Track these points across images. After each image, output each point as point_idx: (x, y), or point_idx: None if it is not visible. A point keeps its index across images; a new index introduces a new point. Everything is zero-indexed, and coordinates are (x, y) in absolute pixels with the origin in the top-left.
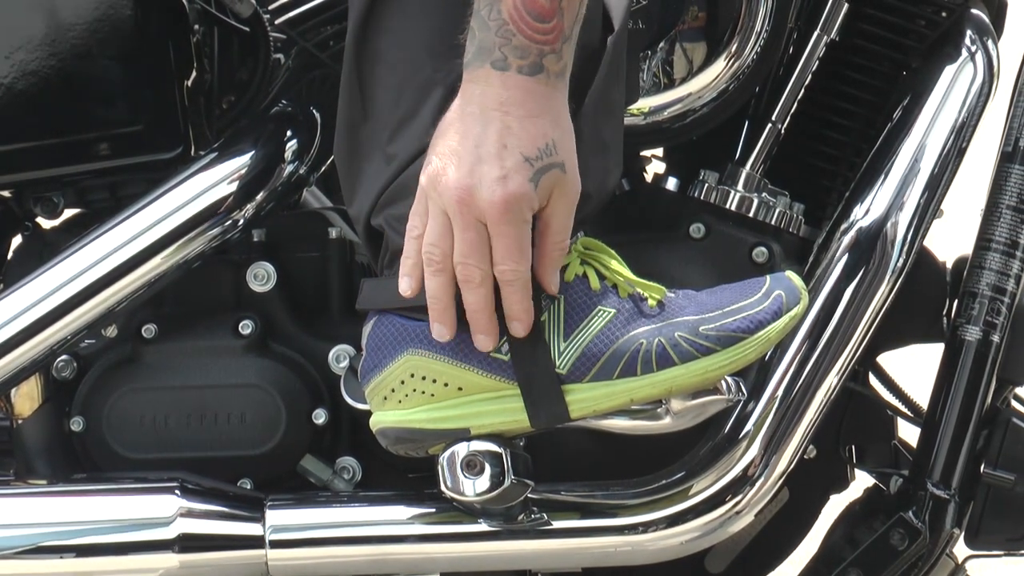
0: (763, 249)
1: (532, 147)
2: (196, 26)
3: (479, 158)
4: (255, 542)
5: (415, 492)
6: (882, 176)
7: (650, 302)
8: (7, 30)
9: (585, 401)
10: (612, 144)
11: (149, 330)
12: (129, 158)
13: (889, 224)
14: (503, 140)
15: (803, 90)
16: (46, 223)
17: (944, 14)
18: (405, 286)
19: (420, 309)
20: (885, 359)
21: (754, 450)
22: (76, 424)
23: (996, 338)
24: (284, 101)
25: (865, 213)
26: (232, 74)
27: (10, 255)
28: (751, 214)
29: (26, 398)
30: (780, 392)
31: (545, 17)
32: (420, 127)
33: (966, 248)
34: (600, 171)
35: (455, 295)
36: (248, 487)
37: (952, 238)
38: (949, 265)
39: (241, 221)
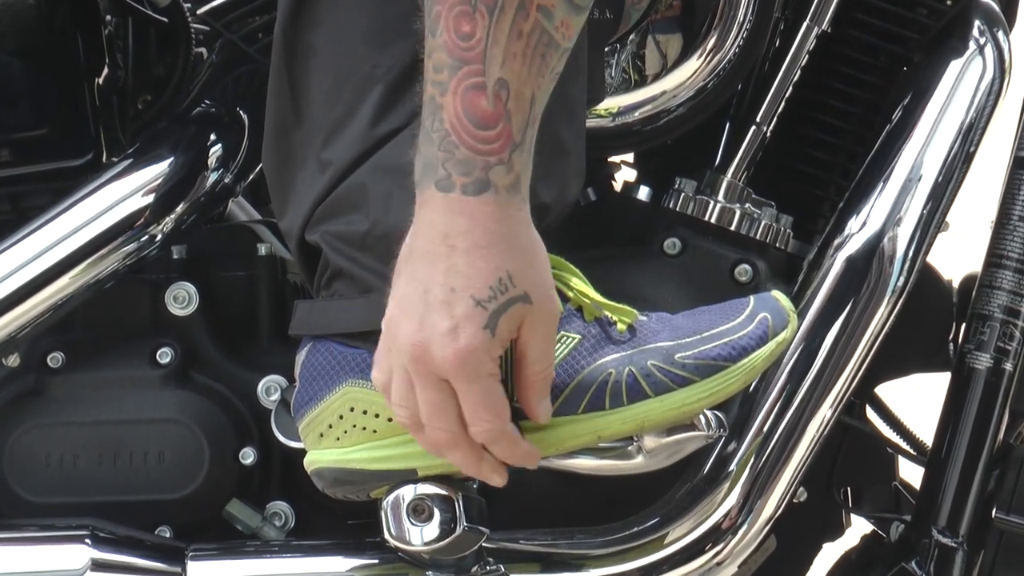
0: (746, 267)
1: (483, 287)
2: (107, 17)
3: (428, 306)
4: None
5: (355, 541)
6: (880, 184)
7: (619, 326)
8: None
9: (547, 439)
10: (572, 148)
11: (55, 359)
12: (32, 166)
13: (887, 238)
14: (450, 283)
15: (791, 88)
16: None
17: (949, 2)
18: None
19: (360, 336)
20: (884, 390)
21: (737, 493)
22: None
23: (1008, 366)
24: (207, 101)
25: (861, 226)
26: (148, 70)
27: None
28: (733, 227)
29: None
30: (766, 428)
31: (488, 123)
32: (358, 130)
33: (975, 265)
34: (559, 179)
35: None
36: (167, 535)
37: (959, 254)
38: (956, 284)
39: (159, 236)
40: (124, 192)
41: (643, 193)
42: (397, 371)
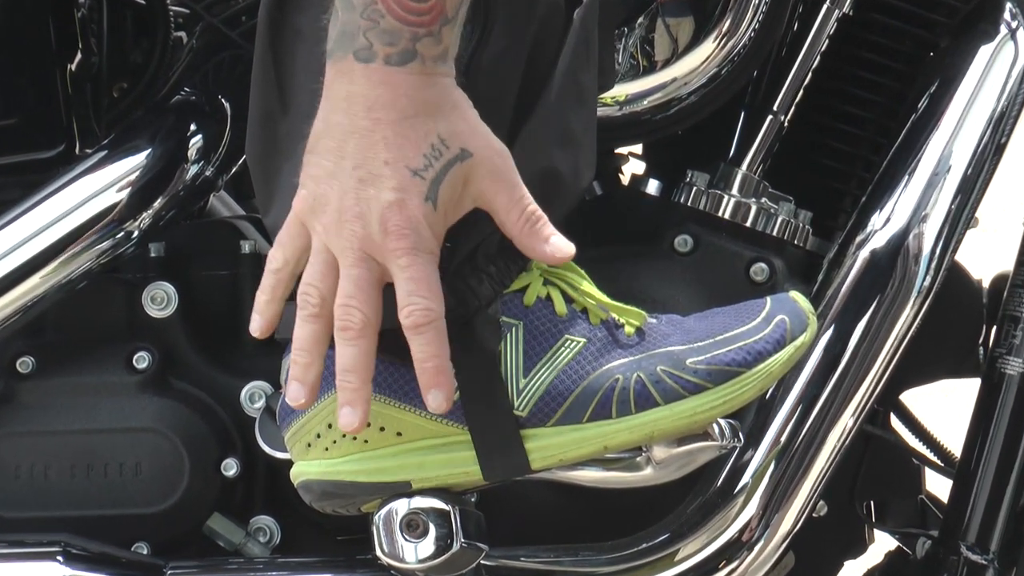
0: (762, 265)
1: (416, 155)
2: None
3: (361, 181)
4: None
5: (345, 558)
6: (905, 178)
7: (627, 329)
8: None
9: (549, 449)
10: (584, 139)
11: (25, 364)
12: (1, 157)
13: (913, 235)
14: (381, 155)
15: (810, 75)
16: None
17: None
18: (255, 327)
19: None
20: (910, 397)
21: (752, 507)
22: None
23: None
24: (187, 88)
25: (885, 222)
26: (124, 56)
27: None
28: (748, 223)
29: None
30: (783, 437)
31: None
32: None
33: (1006, 264)
34: (570, 170)
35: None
36: (144, 552)
37: (989, 252)
38: (986, 284)
39: (135, 233)
40: (98, 186)
41: (652, 187)
42: (318, 250)
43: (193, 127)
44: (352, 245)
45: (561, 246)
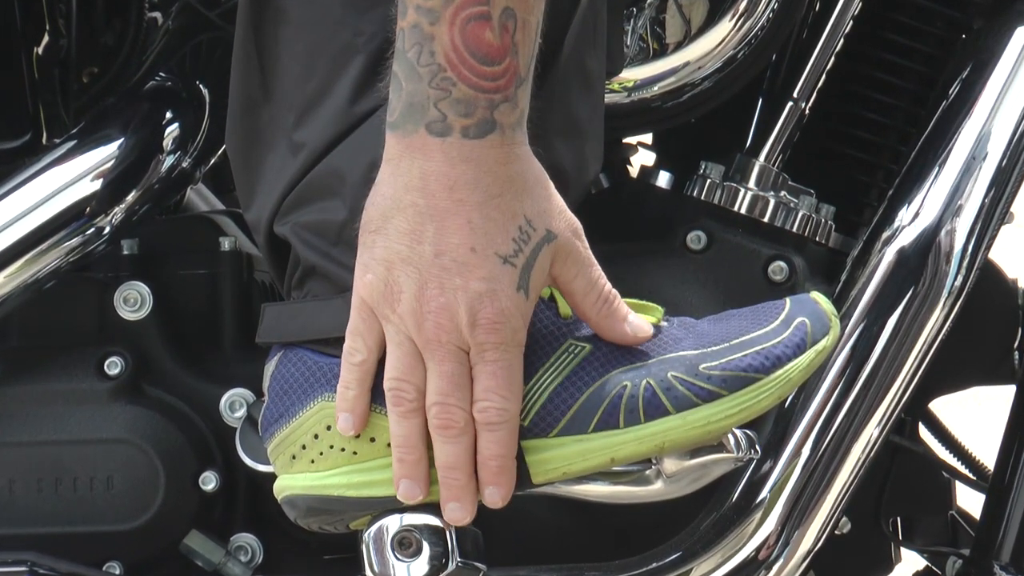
0: (781, 264)
1: (506, 241)
2: None
3: (444, 270)
4: None
5: None
6: (935, 169)
7: None
8: None
9: (552, 462)
10: (590, 127)
11: None
12: None
13: (944, 231)
14: (468, 242)
15: (832, 59)
16: None
17: None
18: (346, 425)
19: (338, 342)
20: (940, 406)
21: (771, 524)
22: None
23: None
24: (162, 74)
25: (913, 217)
26: (95, 39)
27: None
28: (766, 219)
29: None
30: (804, 449)
31: (494, 58)
32: (335, 107)
33: None
34: (574, 161)
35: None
36: (117, 572)
37: None
38: (1022, 284)
39: (107, 229)
40: (67, 178)
41: (663, 179)
42: (399, 343)
43: (169, 115)
44: (440, 339)
45: (641, 325)
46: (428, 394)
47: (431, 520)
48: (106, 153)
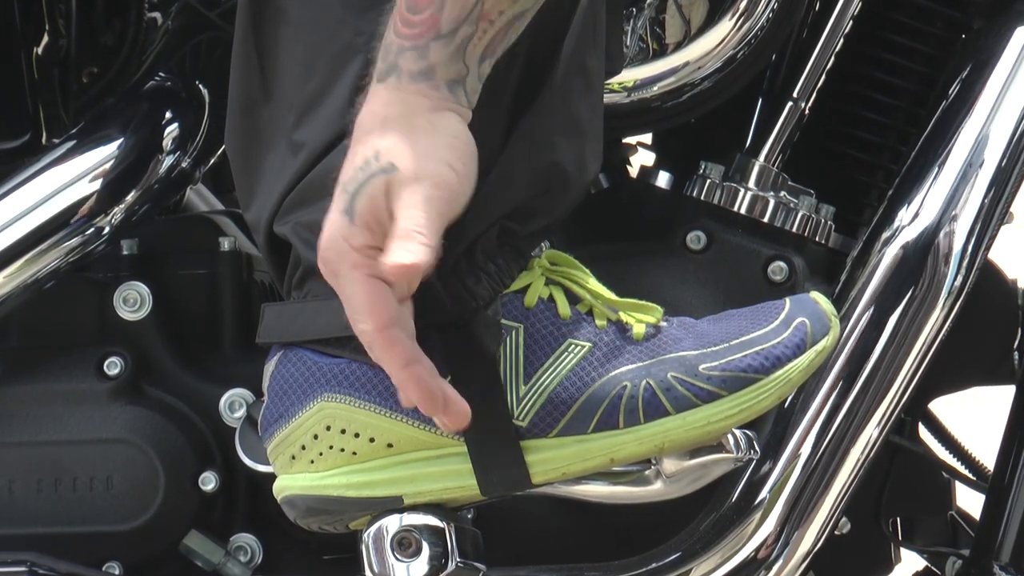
0: (781, 264)
1: (350, 169)
2: None
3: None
4: None
5: None
6: (935, 170)
7: (636, 331)
8: None
9: (551, 462)
10: (590, 127)
11: None
12: None
13: (943, 232)
14: (341, 169)
15: (832, 59)
16: None
17: None
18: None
19: (338, 342)
20: (939, 406)
21: (770, 524)
22: None
23: None
24: (162, 74)
25: (913, 218)
26: (95, 39)
27: None
28: (766, 219)
29: None
30: (804, 449)
31: (418, 6)
32: (335, 107)
33: None
34: (574, 161)
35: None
36: (117, 572)
37: None
38: (1021, 284)
39: (107, 229)
40: (66, 178)
41: (663, 179)
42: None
43: (169, 115)
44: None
45: (392, 266)
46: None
47: (431, 520)
48: (106, 153)
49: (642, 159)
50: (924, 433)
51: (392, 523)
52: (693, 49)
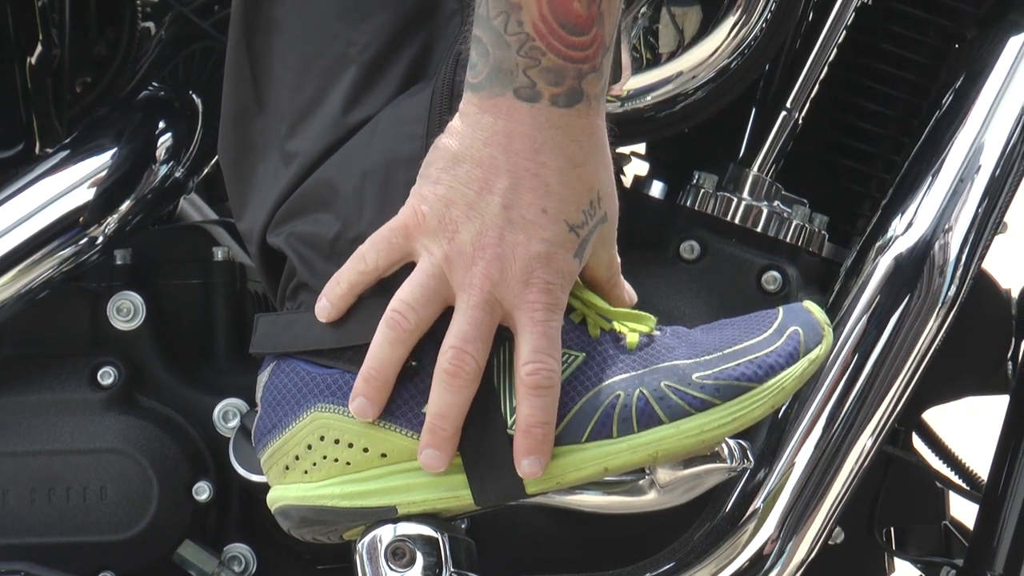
0: (775, 273)
1: (577, 211)
2: None
3: (510, 223)
4: None
5: None
6: (928, 179)
7: (629, 340)
8: None
9: (545, 472)
10: None
11: None
12: None
13: (938, 242)
14: (541, 203)
15: (826, 68)
16: None
17: None
18: (323, 312)
19: (331, 353)
20: (933, 416)
21: (764, 534)
22: None
23: None
24: (155, 84)
25: (907, 227)
26: (88, 48)
27: None
28: (759, 228)
29: None
30: (798, 459)
31: (582, 28)
32: (328, 117)
33: None
34: None
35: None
36: None
37: (1018, 259)
38: (1015, 294)
39: (100, 239)
40: (60, 188)
41: (656, 189)
42: (426, 271)
43: (162, 125)
44: (483, 286)
45: (632, 292)
46: (447, 337)
47: (425, 530)
48: (99, 163)
49: (635, 169)
50: (918, 443)
51: (386, 533)
52: (687, 59)
